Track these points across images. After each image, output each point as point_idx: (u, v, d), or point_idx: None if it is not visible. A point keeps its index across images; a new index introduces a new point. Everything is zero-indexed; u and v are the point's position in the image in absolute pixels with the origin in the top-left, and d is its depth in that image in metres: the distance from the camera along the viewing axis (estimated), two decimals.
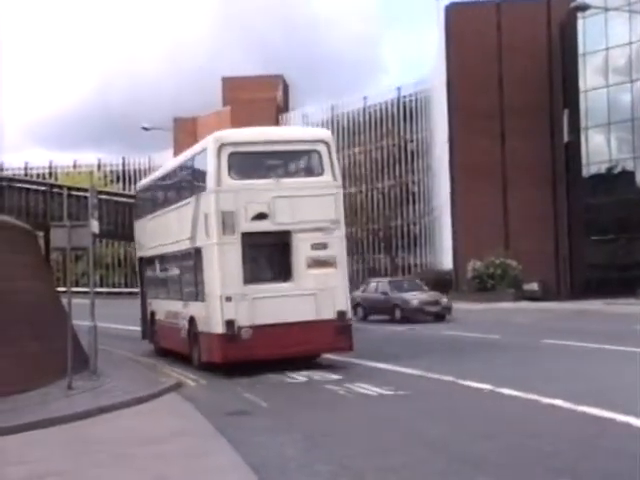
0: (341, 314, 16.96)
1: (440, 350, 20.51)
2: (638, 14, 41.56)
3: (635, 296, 40.76)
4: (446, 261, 55.38)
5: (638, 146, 46.75)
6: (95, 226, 17.00)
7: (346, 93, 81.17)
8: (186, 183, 19.32)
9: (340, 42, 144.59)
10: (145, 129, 63.09)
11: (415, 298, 32.01)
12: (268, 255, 17.53)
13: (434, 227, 65.79)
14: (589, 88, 48.49)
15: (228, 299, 16.48)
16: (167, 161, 29.32)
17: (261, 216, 16.75)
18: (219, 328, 16.51)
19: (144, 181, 26.28)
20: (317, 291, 16.85)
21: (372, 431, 10.66)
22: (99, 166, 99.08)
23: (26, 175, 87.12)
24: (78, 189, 42.07)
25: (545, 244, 50.95)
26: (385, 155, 75.44)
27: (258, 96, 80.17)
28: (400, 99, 74.98)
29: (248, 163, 17.22)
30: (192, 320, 18.13)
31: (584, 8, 34.64)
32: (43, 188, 44.20)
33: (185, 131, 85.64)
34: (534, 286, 47.29)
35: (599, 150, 48.70)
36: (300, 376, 15.99)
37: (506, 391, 12.67)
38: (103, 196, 41.70)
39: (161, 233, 20.81)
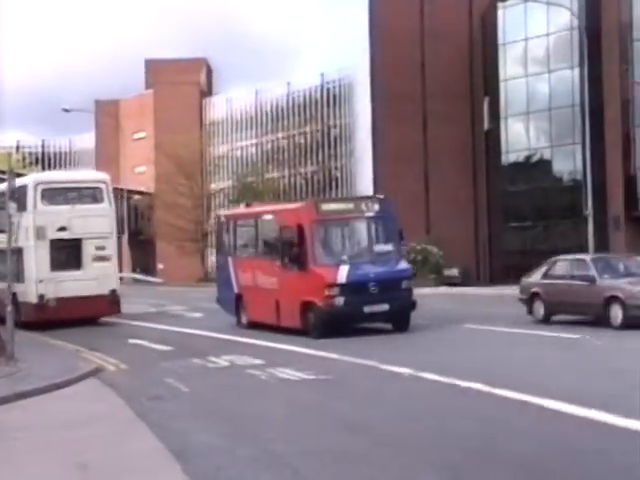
0: (112, 291, 25.67)
1: None
2: (556, 6, 42.34)
3: None
4: None
5: (555, 135, 47.74)
6: (13, 209, 16.69)
7: (270, 78, 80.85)
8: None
9: (265, 26, 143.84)
10: (66, 111, 61.81)
11: None
12: (67, 253, 25.45)
13: None
14: (509, 77, 49.28)
15: (40, 281, 24.78)
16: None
17: (62, 229, 25.19)
18: (34, 299, 24.67)
19: None
20: (98, 276, 25.29)
21: (294, 415, 10.73)
22: (17, 148, 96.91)
23: None
24: None
25: (465, 230, 51.72)
26: (308, 140, 75.47)
27: (181, 79, 79.22)
28: (324, 85, 75.04)
29: (54, 195, 25.78)
30: (14, 295, 23.47)
31: None
32: None
33: (107, 114, 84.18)
34: (454, 272, 47.96)
35: (518, 138, 49.57)
36: (222, 360, 15.98)
37: (426, 375, 12.85)
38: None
39: None
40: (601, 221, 43.54)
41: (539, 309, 21.33)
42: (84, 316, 24.63)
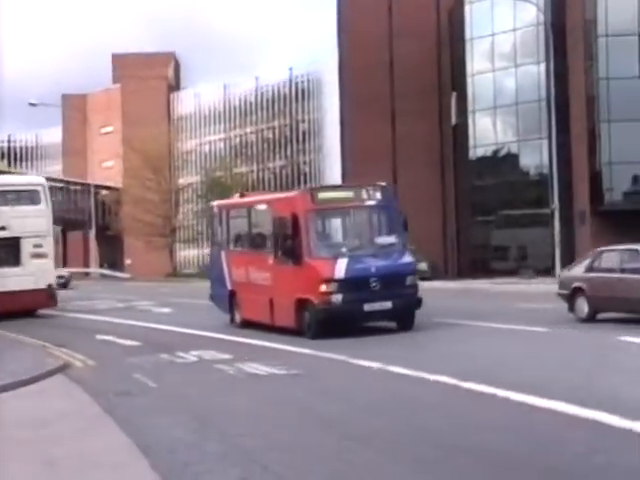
0: (49, 285, 27.73)
1: None
2: (522, 2, 42.64)
3: (518, 275, 42.10)
4: None
5: (522, 130, 48.14)
6: None
7: (238, 73, 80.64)
8: None
9: (233, 21, 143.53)
10: (32, 105, 61.26)
11: None
12: (6, 251, 27.50)
13: None
14: (476, 72, 49.63)
15: None
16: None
17: (2, 228, 27.27)
18: None
19: None
20: (36, 272, 27.25)
21: (263, 411, 10.72)
22: None
23: None
24: None
25: (434, 225, 52.00)
26: (277, 135, 75.49)
27: (149, 74, 78.92)
28: (292, 79, 75.06)
29: None
30: None
31: None
32: None
33: (74, 108, 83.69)
34: (423, 266, 48.03)
35: (485, 133, 49.96)
36: (190, 356, 15.94)
37: (395, 369, 12.88)
38: None
39: None
40: (567, 215, 44.02)
41: (582, 306, 19.01)
42: (23, 309, 26.58)
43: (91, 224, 71.49)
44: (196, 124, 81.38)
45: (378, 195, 19.07)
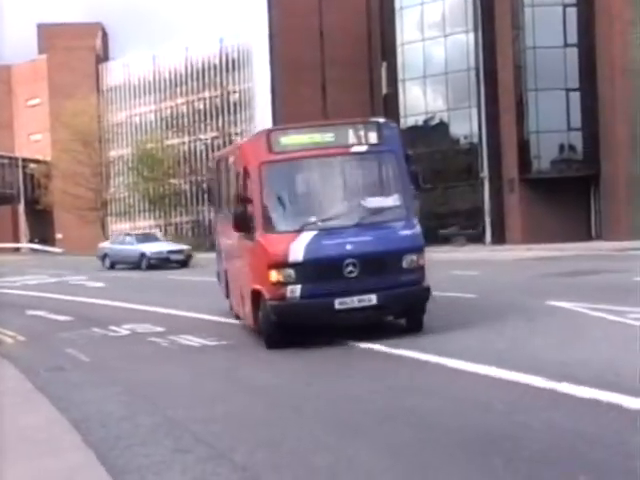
0: None
1: None
2: None
3: (450, 243, 42.73)
4: None
5: (452, 99, 48.59)
6: None
7: (168, 43, 79.55)
8: None
9: None
10: None
11: None
12: None
13: None
14: (406, 42, 49.84)
15: None
16: None
17: None
18: None
19: None
20: None
21: (196, 382, 10.80)
22: None
23: None
24: None
25: None
26: (208, 106, 74.90)
27: (76, 44, 77.41)
28: (223, 50, 74.40)
29: None
30: None
31: None
32: None
33: None
34: None
35: (416, 102, 50.29)
36: (123, 329, 15.90)
37: (325, 339, 13.06)
38: None
39: None
40: (497, 183, 44.70)
41: None
42: None
43: (20, 198, 70.28)
44: (126, 95, 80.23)
45: (372, 136, 12.93)
